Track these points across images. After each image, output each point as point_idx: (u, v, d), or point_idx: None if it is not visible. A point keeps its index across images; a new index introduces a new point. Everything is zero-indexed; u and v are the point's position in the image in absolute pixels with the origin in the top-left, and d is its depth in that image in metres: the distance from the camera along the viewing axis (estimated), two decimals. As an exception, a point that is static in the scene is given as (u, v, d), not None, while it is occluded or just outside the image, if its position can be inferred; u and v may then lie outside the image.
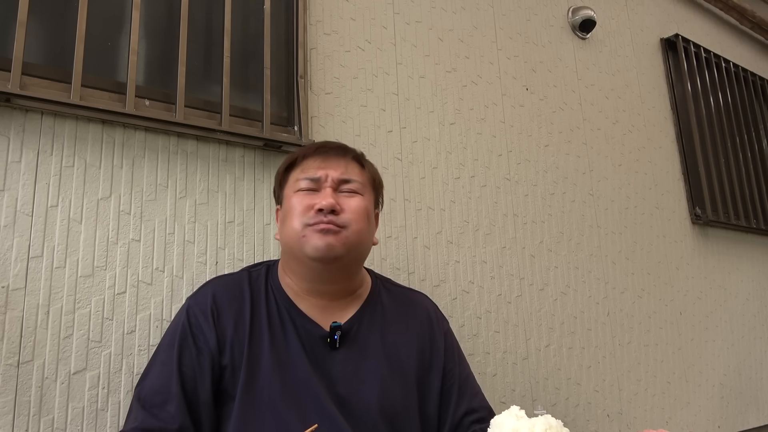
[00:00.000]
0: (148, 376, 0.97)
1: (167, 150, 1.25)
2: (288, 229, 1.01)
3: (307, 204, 0.99)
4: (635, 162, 2.36)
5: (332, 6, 1.60)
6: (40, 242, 1.07)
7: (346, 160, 1.06)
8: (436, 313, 1.19)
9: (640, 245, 2.25)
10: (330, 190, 1.01)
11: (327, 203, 0.98)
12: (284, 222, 1.03)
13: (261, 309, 1.01)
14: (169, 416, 0.91)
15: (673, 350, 2.24)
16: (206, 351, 0.96)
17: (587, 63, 2.31)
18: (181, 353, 0.96)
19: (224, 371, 0.96)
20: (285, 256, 1.06)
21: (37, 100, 1.09)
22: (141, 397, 0.94)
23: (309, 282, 1.03)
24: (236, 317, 1.00)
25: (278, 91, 1.46)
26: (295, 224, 0.99)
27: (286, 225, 1.01)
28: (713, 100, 2.77)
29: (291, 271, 1.04)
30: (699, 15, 2.97)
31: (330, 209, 0.98)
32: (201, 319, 0.98)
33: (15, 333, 1.02)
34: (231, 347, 0.97)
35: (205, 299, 1.01)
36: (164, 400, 0.92)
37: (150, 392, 0.94)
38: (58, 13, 1.20)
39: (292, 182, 1.05)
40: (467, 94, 1.85)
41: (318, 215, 0.98)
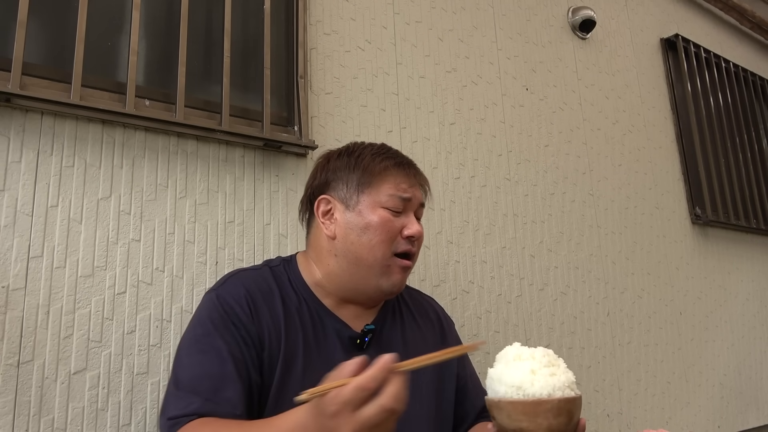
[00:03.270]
0: (186, 367, 0.89)
1: (167, 150, 1.25)
2: (367, 246, 0.97)
3: (396, 228, 0.98)
4: (635, 162, 2.36)
5: (332, 6, 1.59)
6: (40, 242, 1.07)
7: (422, 182, 1.05)
8: (444, 315, 1.21)
9: (640, 245, 2.25)
10: (413, 216, 1.01)
11: (418, 232, 0.99)
12: (361, 233, 0.97)
13: (292, 306, 0.98)
14: (229, 401, 0.85)
15: (673, 350, 2.24)
16: (250, 342, 0.92)
17: (587, 63, 2.31)
18: (226, 340, 0.90)
19: (263, 365, 0.93)
20: (338, 260, 0.99)
21: (37, 100, 1.09)
22: (185, 385, 0.86)
23: (354, 294, 1.01)
24: (270, 313, 0.96)
25: (278, 91, 1.46)
26: (383, 248, 0.97)
27: (365, 239, 0.97)
28: (713, 100, 2.77)
29: (334, 276, 1.00)
30: (699, 15, 2.97)
31: (418, 238, 0.99)
32: (238, 310, 0.93)
33: (15, 333, 1.02)
34: (269, 342, 0.94)
35: (237, 291, 0.96)
36: (219, 386, 0.86)
37: (198, 379, 0.87)
38: (58, 13, 1.20)
39: (376, 193, 0.98)
40: (467, 94, 1.85)
41: (406, 242, 0.98)
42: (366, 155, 1.02)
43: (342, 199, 1.00)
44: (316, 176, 1.06)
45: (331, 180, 1.02)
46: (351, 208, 0.99)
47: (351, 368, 0.64)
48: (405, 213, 1.00)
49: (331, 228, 1.00)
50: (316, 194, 1.03)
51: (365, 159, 1.01)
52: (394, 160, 1.02)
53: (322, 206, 1.02)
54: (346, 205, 0.99)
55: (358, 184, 0.99)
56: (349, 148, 1.05)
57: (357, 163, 1.01)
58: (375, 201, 0.98)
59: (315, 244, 1.03)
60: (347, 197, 1.00)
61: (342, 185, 1.01)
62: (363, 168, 1.00)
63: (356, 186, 0.99)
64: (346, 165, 1.02)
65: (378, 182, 0.99)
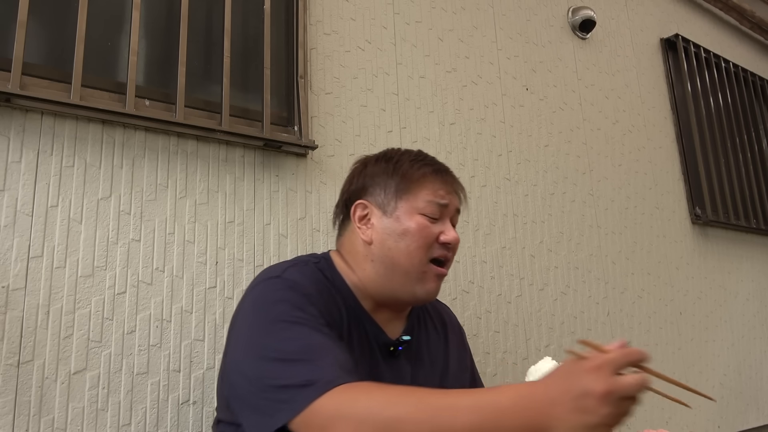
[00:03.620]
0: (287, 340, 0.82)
1: (167, 150, 1.25)
2: (405, 252, 0.97)
3: (433, 234, 0.98)
4: (635, 162, 2.36)
5: (332, 6, 1.59)
6: (40, 242, 1.07)
7: (458, 189, 1.06)
8: (455, 318, 1.24)
9: (640, 245, 2.25)
10: (449, 222, 1.01)
11: (455, 239, 0.99)
12: (398, 239, 0.98)
13: (340, 305, 0.98)
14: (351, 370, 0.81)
15: (673, 350, 2.24)
16: (328, 323, 0.89)
17: (587, 63, 2.31)
18: (313, 314, 0.87)
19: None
20: (374, 265, 0.99)
21: (37, 100, 1.09)
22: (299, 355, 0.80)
23: (389, 299, 1.01)
24: (330, 308, 0.94)
25: (278, 91, 1.46)
26: (420, 254, 0.97)
27: (402, 245, 0.97)
28: (713, 100, 2.77)
29: (370, 281, 1.00)
30: (699, 15, 2.97)
31: (454, 245, 1.00)
32: (312, 291, 0.91)
33: (15, 333, 1.02)
34: (336, 333, 0.92)
35: (304, 278, 0.94)
36: (338, 355, 0.82)
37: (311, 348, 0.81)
38: (58, 13, 1.20)
39: (414, 199, 0.99)
40: (467, 94, 1.85)
41: (442, 249, 0.99)
42: (404, 162, 1.02)
43: (379, 204, 1.00)
44: (352, 181, 1.06)
45: (369, 185, 1.03)
46: (388, 214, 0.99)
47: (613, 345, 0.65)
48: (441, 219, 1.00)
49: (367, 233, 1.00)
50: (352, 199, 1.03)
51: (403, 165, 1.01)
52: (432, 167, 1.02)
53: (359, 211, 1.02)
54: (384, 211, 1.00)
55: (396, 191, 1.00)
56: (387, 154, 1.06)
57: (395, 169, 1.01)
58: (413, 207, 0.98)
59: (350, 248, 1.03)
60: (385, 203, 1.00)
61: (380, 191, 1.01)
62: (401, 174, 1.00)
63: (394, 192, 1.00)
64: (384, 171, 1.02)
65: (416, 189, 0.99)
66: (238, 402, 0.87)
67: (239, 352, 0.88)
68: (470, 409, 0.67)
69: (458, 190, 1.05)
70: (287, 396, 0.76)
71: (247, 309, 0.91)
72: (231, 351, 0.92)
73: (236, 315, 0.94)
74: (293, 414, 0.74)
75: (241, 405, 0.86)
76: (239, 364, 0.86)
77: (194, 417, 1.17)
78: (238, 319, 0.92)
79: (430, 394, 0.72)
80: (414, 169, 1.01)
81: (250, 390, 0.82)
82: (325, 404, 0.73)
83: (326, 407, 0.73)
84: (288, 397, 0.76)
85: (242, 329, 0.89)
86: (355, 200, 1.03)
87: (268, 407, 0.79)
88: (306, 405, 0.74)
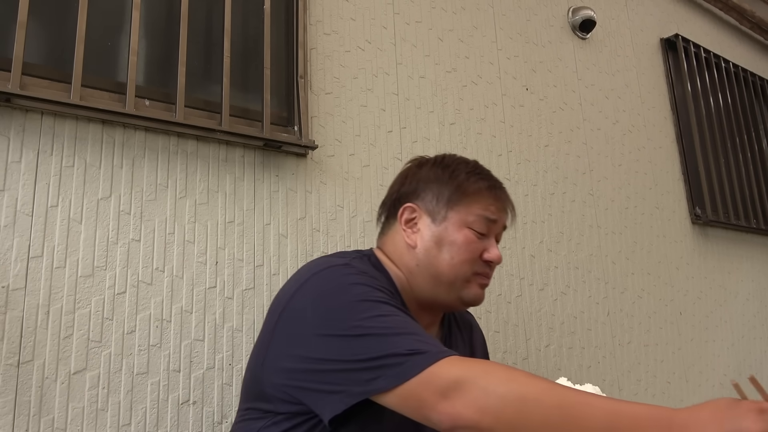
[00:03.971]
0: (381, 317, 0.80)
1: (167, 150, 1.25)
2: (450, 262, 0.97)
3: (478, 250, 0.98)
4: (635, 162, 2.36)
5: (332, 6, 1.60)
6: (40, 242, 1.07)
7: (509, 207, 1.06)
8: (477, 323, 1.26)
9: (640, 245, 2.25)
10: (494, 240, 1.01)
11: (498, 258, 0.99)
12: (443, 249, 0.97)
13: (397, 303, 0.95)
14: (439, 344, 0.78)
15: (673, 350, 2.24)
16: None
17: (587, 63, 2.31)
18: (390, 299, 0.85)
19: None
20: (419, 269, 0.98)
21: (37, 100, 1.09)
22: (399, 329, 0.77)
23: (431, 303, 1.01)
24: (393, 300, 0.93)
25: (278, 91, 1.46)
26: (464, 268, 0.97)
27: (446, 255, 0.97)
28: (713, 100, 2.77)
29: (414, 285, 0.99)
30: (699, 15, 2.97)
31: (496, 263, 1.00)
32: (380, 285, 0.89)
33: (15, 333, 1.02)
34: None
35: (368, 269, 0.93)
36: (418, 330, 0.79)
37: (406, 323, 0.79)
38: (58, 13, 1.20)
39: (465, 211, 0.98)
40: (467, 94, 1.85)
41: (484, 266, 0.99)
42: (461, 172, 1.01)
43: (429, 211, 0.99)
44: (404, 182, 1.04)
45: (420, 190, 1.01)
46: (437, 222, 0.98)
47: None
48: (488, 236, 1.00)
49: (413, 237, 0.99)
50: (401, 200, 1.02)
51: (460, 176, 1.00)
52: (487, 182, 1.02)
53: (407, 214, 1.01)
54: (433, 218, 0.99)
55: (449, 200, 0.99)
56: (444, 161, 1.04)
57: (451, 179, 1.00)
58: (463, 219, 0.98)
59: (393, 249, 1.02)
60: (435, 210, 0.99)
61: (431, 197, 1.00)
62: (457, 185, 0.99)
63: (446, 201, 0.99)
64: (438, 178, 1.01)
65: (469, 202, 0.99)
66: (308, 384, 0.82)
67: (311, 334, 0.82)
68: (605, 409, 0.66)
69: (509, 208, 1.04)
70: (392, 362, 0.73)
71: (316, 294, 0.86)
72: (292, 337, 0.85)
73: (292, 304, 0.88)
74: (400, 380, 0.72)
75: (311, 387, 0.81)
76: (313, 344, 0.81)
77: (194, 417, 1.17)
78: (297, 307, 0.87)
79: (560, 385, 0.71)
80: (470, 181, 1.00)
81: (329, 368, 0.78)
82: (445, 369, 0.71)
83: (446, 372, 0.71)
84: (393, 363, 0.73)
85: (315, 312, 0.84)
86: (404, 202, 1.01)
87: (355, 379, 0.75)
88: (418, 371, 0.71)
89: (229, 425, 1.20)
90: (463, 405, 0.68)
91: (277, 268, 1.34)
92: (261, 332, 0.93)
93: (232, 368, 1.23)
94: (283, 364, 0.85)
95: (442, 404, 0.69)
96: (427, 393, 0.70)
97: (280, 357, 0.86)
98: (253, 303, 1.29)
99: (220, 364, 1.22)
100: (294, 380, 0.83)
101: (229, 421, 1.21)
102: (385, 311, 0.81)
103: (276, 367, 0.86)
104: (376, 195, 1.55)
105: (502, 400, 0.68)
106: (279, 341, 0.87)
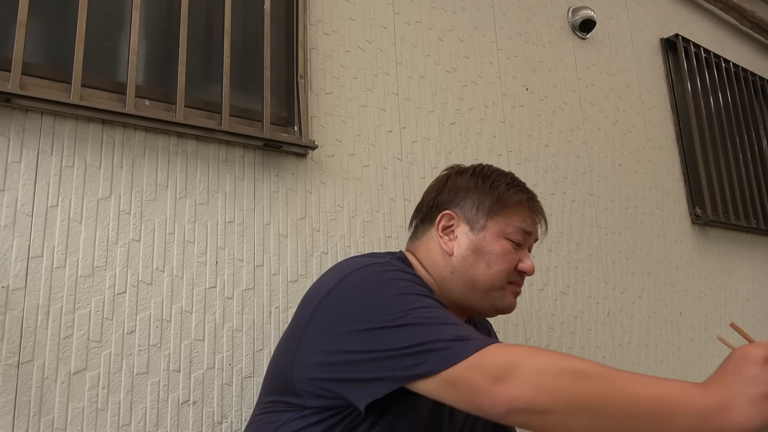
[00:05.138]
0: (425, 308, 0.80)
1: (167, 150, 1.25)
2: (486, 272, 0.99)
3: (513, 261, 1.00)
4: (635, 162, 2.36)
5: (332, 6, 1.60)
6: (40, 242, 1.07)
7: (543, 220, 1.08)
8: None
9: (640, 245, 2.25)
10: (527, 251, 1.04)
11: (531, 269, 1.01)
12: (481, 258, 0.99)
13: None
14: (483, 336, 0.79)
15: (673, 350, 2.24)
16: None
17: (587, 63, 2.31)
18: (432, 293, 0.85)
19: None
20: (454, 277, 1.00)
21: (37, 100, 1.09)
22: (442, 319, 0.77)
23: (464, 308, 1.02)
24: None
25: (278, 91, 1.46)
26: (500, 278, 0.99)
27: (483, 265, 0.99)
28: (713, 100, 2.77)
29: (448, 291, 1.01)
30: (699, 15, 2.97)
31: (530, 274, 1.02)
32: (422, 286, 0.89)
33: (15, 333, 1.02)
34: None
35: (405, 269, 0.93)
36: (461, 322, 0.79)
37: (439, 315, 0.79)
38: (58, 13, 1.20)
39: (504, 222, 1.00)
40: (467, 94, 1.85)
41: (518, 277, 1.01)
42: (501, 183, 1.03)
43: (468, 219, 1.01)
44: (442, 189, 1.06)
45: (460, 198, 1.03)
46: (475, 231, 1.00)
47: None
48: (522, 247, 1.02)
49: (450, 245, 1.01)
50: (440, 207, 1.04)
51: (500, 187, 1.02)
52: (526, 194, 1.04)
53: (444, 221, 1.02)
54: (471, 227, 1.00)
55: (489, 210, 1.00)
56: (483, 171, 1.06)
57: (492, 189, 1.02)
58: (501, 230, 1.00)
59: (427, 254, 1.03)
60: (474, 219, 1.01)
61: (471, 205, 1.02)
62: (498, 196, 1.01)
63: (487, 211, 1.00)
64: (479, 187, 1.03)
65: (508, 213, 1.01)
66: (346, 375, 0.81)
67: (351, 330, 0.81)
68: (652, 382, 0.67)
69: (542, 221, 1.07)
70: (439, 347, 0.73)
71: (356, 290, 0.85)
72: (329, 333, 0.84)
73: (329, 301, 0.87)
74: (446, 364, 0.71)
75: (349, 378, 0.80)
76: (355, 339, 0.80)
77: (194, 417, 1.17)
78: (334, 303, 0.86)
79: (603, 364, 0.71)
80: (510, 193, 1.02)
81: (371, 358, 0.77)
82: (493, 354, 0.71)
83: (496, 356, 0.70)
84: (439, 347, 0.73)
85: (356, 307, 0.83)
86: (442, 209, 1.03)
87: (399, 365, 0.74)
88: (466, 356, 0.71)
89: (229, 425, 1.20)
90: (518, 386, 0.67)
91: (277, 268, 1.34)
92: (290, 327, 0.94)
93: (232, 368, 1.23)
94: (317, 358, 0.84)
95: (495, 388, 0.68)
96: (477, 377, 0.69)
97: (314, 352, 0.85)
98: (253, 303, 1.29)
99: (220, 364, 1.22)
100: (329, 373, 0.83)
101: (229, 421, 1.21)
102: (428, 303, 0.81)
103: (308, 362, 0.86)
104: (376, 195, 1.55)
105: (557, 377, 0.67)
106: (312, 337, 0.87)
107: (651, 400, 0.65)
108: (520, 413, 0.67)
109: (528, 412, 0.67)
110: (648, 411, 0.64)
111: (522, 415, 0.67)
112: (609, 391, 0.66)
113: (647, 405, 0.65)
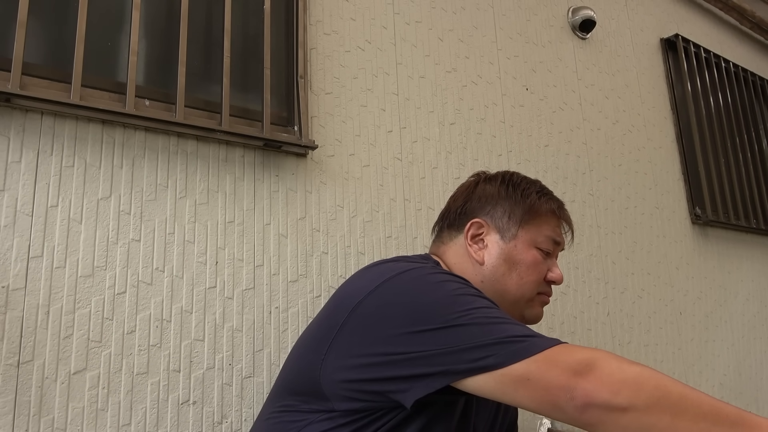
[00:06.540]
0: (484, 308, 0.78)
1: (167, 150, 1.25)
2: (518, 282, 0.99)
3: (543, 270, 1.00)
4: (635, 162, 2.36)
5: (332, 6, 1.60)
6: (40, 242, 1.07)
7: (569, 230, 1.09)
8: None
9: (640, 245, 2.25)
10: (556, 260, 1.04)
11: (560, 279, 1.01)
12: (512, 267, 0.99)
13: None
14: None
15: (673, 350, 2.24)
16: None
17: (587, 63, 2.31)
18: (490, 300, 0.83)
19: None
20: (483, 286, 0.98)
21: (37, 100, 1.09)
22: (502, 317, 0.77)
23: None
24: None
25: (278, 91, 1.46)
26: (530, 288, 0.99)
27: (515, 274, 0.99)
28: (713, 100, 2.77)
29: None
30: (699, 15, 2.97)
31: (559, 284, 1.03)
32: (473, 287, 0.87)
33: (15, 333, 1.02)
34: None
35: (446, 271, 0.92)
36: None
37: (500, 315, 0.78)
38: (58, 13, 1.20)
39: (536, 232, 1.01)
40: (467, 94, 1.85)
41: (546, 286, 1.02)
42: (532, 192, 1.03)
43: (499, 228, 1.00)
44: (470, 197, 1.05)
45: (490, 206, 1.02)
46: (506, 240, 0.99)
47: None
48: (551, 256, 1.03)
49: (479, 253, 1.00)
50: (468, 215, 1.03)
51: (531, 196, 1.02)
52: (557, 203, 1.05)
53: (474, 229, 1.01)
54: (502, 235, 1.00)
55: (521, 219, 1.00)
56: (512, 179, 1.05)
57: (523, 198, 1.02)
58: (532, 239, 1.00)
59: (455, 260, 1.02)
60: (506, 228, 1.00)
61: (503, 214, 1.01)
62: (530, 204, 1.01)
63: (519, 220, 1.00)
64: (510, 196, 1.02)
65: (539, 222, 1.01)
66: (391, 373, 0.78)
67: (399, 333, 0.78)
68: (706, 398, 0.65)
69: (569, 231, 1.08)
70: (509, 341, 0.71)
71: (404, 293, 0.82)
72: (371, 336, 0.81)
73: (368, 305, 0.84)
74: (518, 357, 0.69)
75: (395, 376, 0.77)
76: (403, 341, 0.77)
77: (194, 417, 1.17)
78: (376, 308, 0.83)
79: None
80: (542, 202, 1.02)
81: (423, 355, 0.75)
82: (569, 351, 0.69)
83: (572, 353, 0.69)
84: (510, 341, 0.71)
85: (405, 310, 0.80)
86: (471, 217, 1.02)
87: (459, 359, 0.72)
88: (539, 350, 0.70)
89: (229, 425, 1.20)
90: (600, 380, 0.66)
91: (277, 268, 1.34)
92: (315, 330, 0.90)
93: (232, 368, 1.23)
94: (357, 361, 0.81)
95: (575, 380, 0.66)
96: (556, 371, 0.68)
97: (353, 356, 0.82)
98: (253, 303, 1.29)
99: (220, 364, 1.22)
100: (370, 373, 0.80)
101: (229, 421, 1.21)
102: (486, 303, 0.80)
103: (344, 364, 0.83)
104: (376, 195, 1.55)
105: (640, 375, 0.66)
106: (350, 340, 0.83)
107: (734, 411, 0.64)
108: (597, 409, 0.65)
109: (606, 409, 0.65)
110: (731, 420, 0.63)
111: (599, 411, 0.65)
112: (692, 395, 0.65)
113: (730, 415, 0.63)
